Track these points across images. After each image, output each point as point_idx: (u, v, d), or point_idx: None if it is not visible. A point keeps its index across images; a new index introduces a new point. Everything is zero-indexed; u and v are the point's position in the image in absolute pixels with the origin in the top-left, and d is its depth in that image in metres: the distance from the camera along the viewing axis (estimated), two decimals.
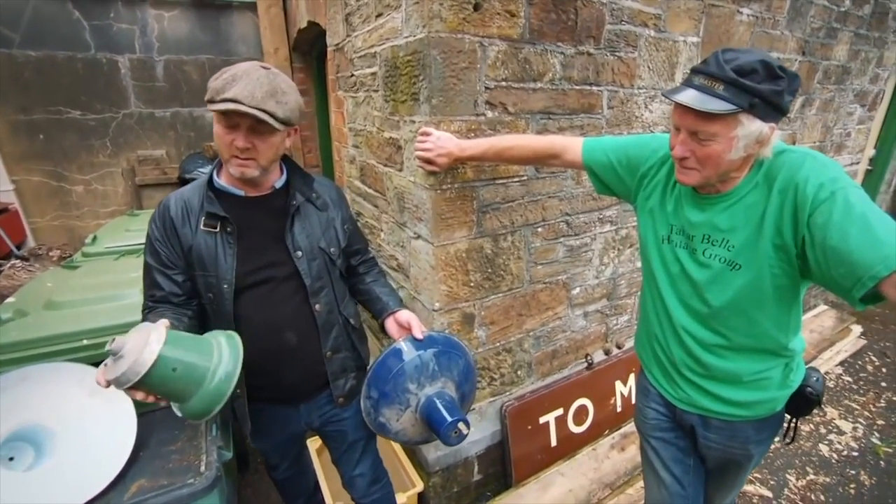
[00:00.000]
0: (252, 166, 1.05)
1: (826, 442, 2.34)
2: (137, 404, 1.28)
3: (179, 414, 0.90)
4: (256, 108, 0.96)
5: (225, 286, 1.09)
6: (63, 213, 3.66)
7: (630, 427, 2.12)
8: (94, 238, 2.32)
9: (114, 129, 3.66)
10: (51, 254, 3.52)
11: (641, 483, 1.45)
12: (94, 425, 1.25)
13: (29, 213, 3.54)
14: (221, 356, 0.88)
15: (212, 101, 0.97)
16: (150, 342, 0.80)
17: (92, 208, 3.74)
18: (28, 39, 3.25)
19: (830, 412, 2.56)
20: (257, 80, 0.97)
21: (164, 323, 0.89)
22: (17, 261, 3.22)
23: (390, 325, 1.29)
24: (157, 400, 0.90)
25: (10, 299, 1.64)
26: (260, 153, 1.04)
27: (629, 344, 2.24)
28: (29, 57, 3.27)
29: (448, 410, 1.13)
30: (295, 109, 1.05)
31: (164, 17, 3.61)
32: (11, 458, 1.14)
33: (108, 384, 0.82)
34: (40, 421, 1.21)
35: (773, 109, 0.85)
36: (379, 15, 1.61)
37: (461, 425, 1.11)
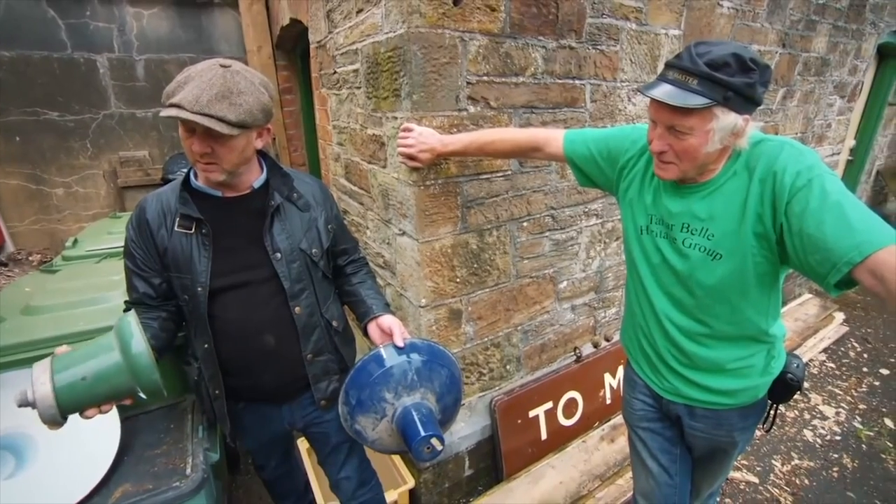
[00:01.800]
0: (215, 170, 1.02)
1: (810, 427, 2.39)
2: (121, 408, 1.26)
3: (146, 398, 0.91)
4: (199, 114, 0.90)
5: (199, 289, 1.07)
6: (43, 216, 3.57)
7: (619, 419, 2.14)
8: (75, 241, 2.27)
9: (94, 131, 3.58)
10: (31, 258, 3.44)
11: (631, 473, 1.47)
12: (76, 430, 1.21)
13: (7, 217, 3.44)
14: (126, 340, 0.86)
15: (163, 106, 0.94)
16: (36, 381, 0.81)
17: (73, 211, 3.66)
18: (0, 39, 3.16)
19: (814, 398, 2.61)
20: (208, 82, 0.92)
21: (59, 350, 0.89)
22: None
23: (372, 330, 1.26)
24: (111, 406, 0.90)
25: None
26: (221, 157, 1.00)
27: (617, 336, 2.26)
28: (2, 57, 3.18)
29: (423, 424, 1.08)
30: (254, 111, 0.98)
31: (143, 15, 3.53)
32: None
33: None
34: (20, 428, 1.19)
35: (746, 101, 0.86)
36: (359, 11, 1.59)
37: (434, 441, 1.06)
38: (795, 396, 1.19)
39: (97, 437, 1.23)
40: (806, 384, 2.69)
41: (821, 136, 3.27)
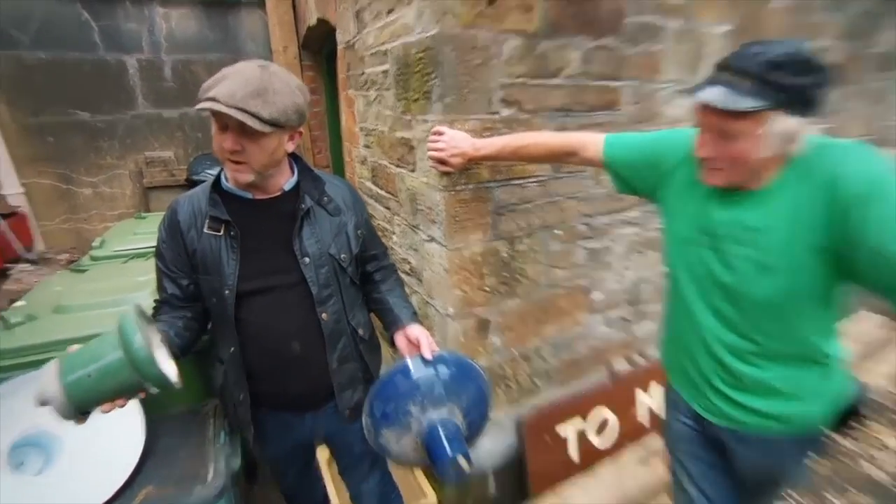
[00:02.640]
0: (244, 171, 1.01)
1: (870, 459, 2.22)
2: (145, 410, 1.26)
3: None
4: (234, 108, 0.90)
5: (226, 291, 1.07)
6: (71, 216, 3.65)
7: (655, 440, 2.04)
8: (102, 241, 2.30)
9: (122, 131, 3.65)
10: (59, 257, 3.51)
11: (667, 500, 1.39)
12: (103, 431, 1.22)
13: (38, 216, 3.52)
14: (128, 336, 0.88)
15: (198, 100, 0.94)
16: (46, 383, 0.84)
17: (99, 211, 3.73)
18: (37, 41, 3.24)
19: (876, 427, 2.43)
20: (245, 79, 0.93)
21: (70, 348, 0.91)
22: (26, 264, 3.22)
23: (400, 340, 1.23)
24: (126, 400, 0.91)
25: (18, 303, 1.63)
26: (251, 156, 0.99)
27: (654, 352, 2.16)
28: (39, 59, 3.26)
29: (450, 443, 1.05)
30: (288, 111, 0.98)
31: (171, 16, 3.59)
32: (21, 463, 1.15)
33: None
34: (48, 426, 1.20)
35: (803, 105, 0.80)
36: (390, 11, 1.56)
37: (462, 460, 1.03)
38: (854, 425, 1.10)
39: (122, 439, 1.25)
40: (866, 411, 2.53)
41: (885, 138, 3.07)
